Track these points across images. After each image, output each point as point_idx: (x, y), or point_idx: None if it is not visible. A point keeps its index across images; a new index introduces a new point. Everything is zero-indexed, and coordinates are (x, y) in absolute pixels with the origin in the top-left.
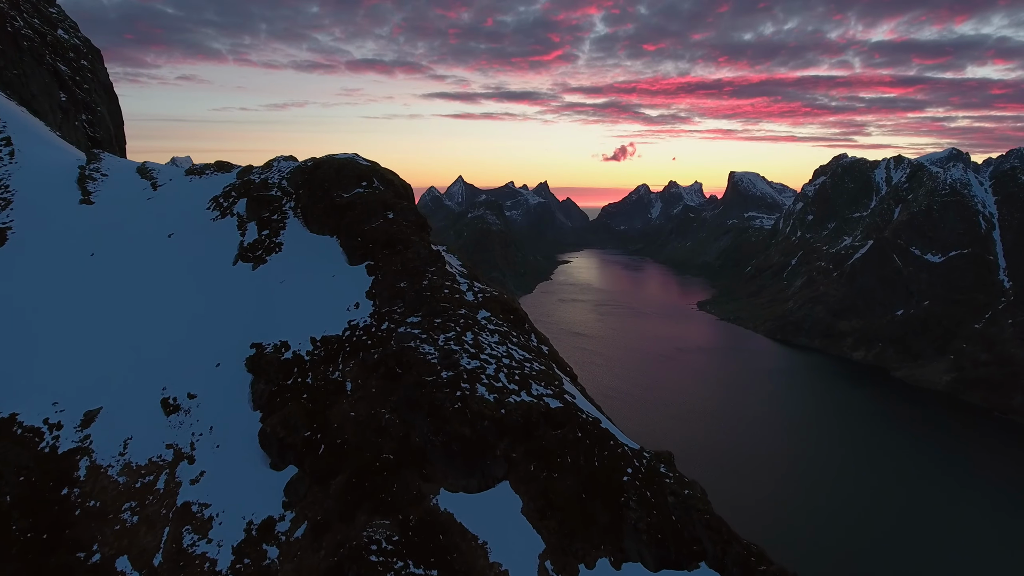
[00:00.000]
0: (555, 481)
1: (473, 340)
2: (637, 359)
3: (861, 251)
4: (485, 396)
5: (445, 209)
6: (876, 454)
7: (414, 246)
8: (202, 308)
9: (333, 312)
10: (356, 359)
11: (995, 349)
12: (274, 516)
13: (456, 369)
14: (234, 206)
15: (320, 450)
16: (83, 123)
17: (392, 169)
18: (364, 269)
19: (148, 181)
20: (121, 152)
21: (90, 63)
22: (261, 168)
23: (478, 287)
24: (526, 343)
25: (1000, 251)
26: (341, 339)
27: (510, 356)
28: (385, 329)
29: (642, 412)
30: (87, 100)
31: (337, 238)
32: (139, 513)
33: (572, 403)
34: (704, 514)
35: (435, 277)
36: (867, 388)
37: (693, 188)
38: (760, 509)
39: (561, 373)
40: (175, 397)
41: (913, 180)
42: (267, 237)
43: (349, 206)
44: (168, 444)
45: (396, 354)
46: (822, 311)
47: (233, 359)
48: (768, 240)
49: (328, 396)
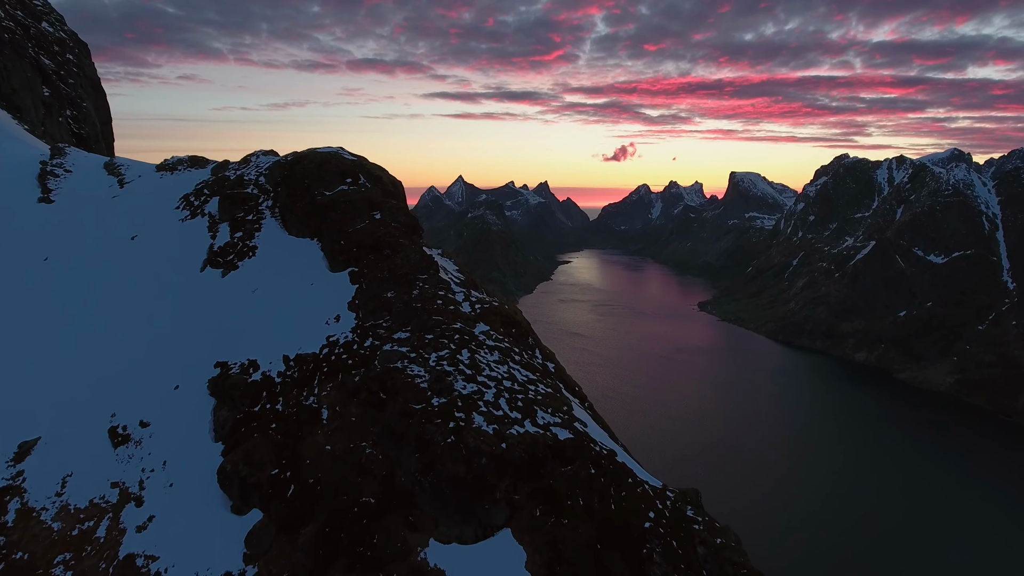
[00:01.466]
0: (565, 529)
1: (469, 359)
2: (637, 360)
3: (863, 252)
4: (483, 427)
5: (445, 209)
6: (878, 456)
7: (403, 250)
8: (163, 320)
9: (310, 326)
10: (334, 382)
11: (999, 351)
12: (232, 573)
13: (449, 394)
14: (206, 205)
15: (289, 491)
16: (67, 119)
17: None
18: (347, 276)
19: (115, 178)
20: (109, 150)
21: (76, 57)
22: (238, 163)
23: (475, 296)
24: (529, 361)
25: (1004, 252)
26: (318, 358)
27: (512, 377)
28: (368, 347)
29: (642, 413)
30: (72, 95)
31: (317, 241)
32: (74, 568)
33: (583, 432)
34: (741, 568)
35: (427, 286)
36: (869, 390)
37: (694, 188)
38: (760, 510)
39: (569, 395)
40: (125, 425)
41: (916, 180)
42: (240, 240)
43: (331, 205)
44: (114, 482)
45: (380, 376)
46: (824, 312)
47: (194, 380)
48: (769, 240)
49: (301, 426)
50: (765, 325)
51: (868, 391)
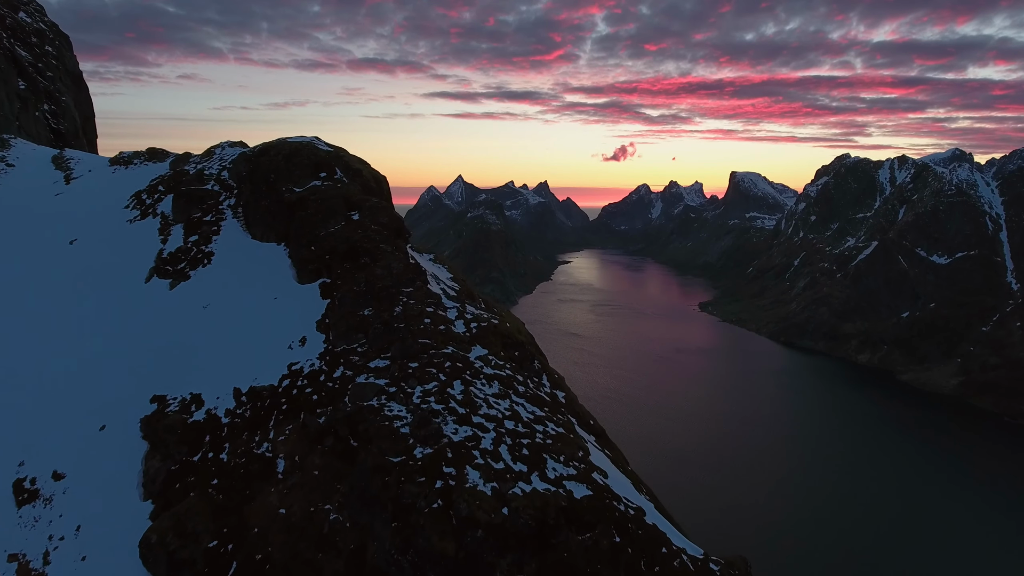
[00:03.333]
0: None
1: (463, 393)
2: (638, 360)
3: (865, 252)
4: (479, 486)
5: (445, 209)
6: (881, 458)
7: (385, 257)
8: (94, 343)
9: (269, 351)
10: (294, 424)
11: (1004, 352)
12: None
13: (437, 442)
14: (159, 204)
15: (230, 572)
16: (45, 114)
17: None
18: (317, 289)
19: (62, 173)
20: (91, 147)
21: (56, 49)
22: (200, 156)
23: (471, 312)
24: (536, 392)
25: (1008, 253)
26: (276, 392)
27: (515, 415)
28: (339, 378)
29: (643, 414)
30: (50, 89)
31: (284, 246)
32: None
33: (604, 486)
34: None
35: (412, 301)
36: (872, 391)
37: (694, 188)
38: (761, 511)
39: (584, 432)
40: (34, 478)
41: (918, 180)
42: (195, 244)
43: (300, 204)
44: (12, 555)
45: (351, 418)
46: (826, 313)
47: (125, 419)
48: (770, 241)
49: (249, 481)
50: (766, 326)
51: (871, 393)
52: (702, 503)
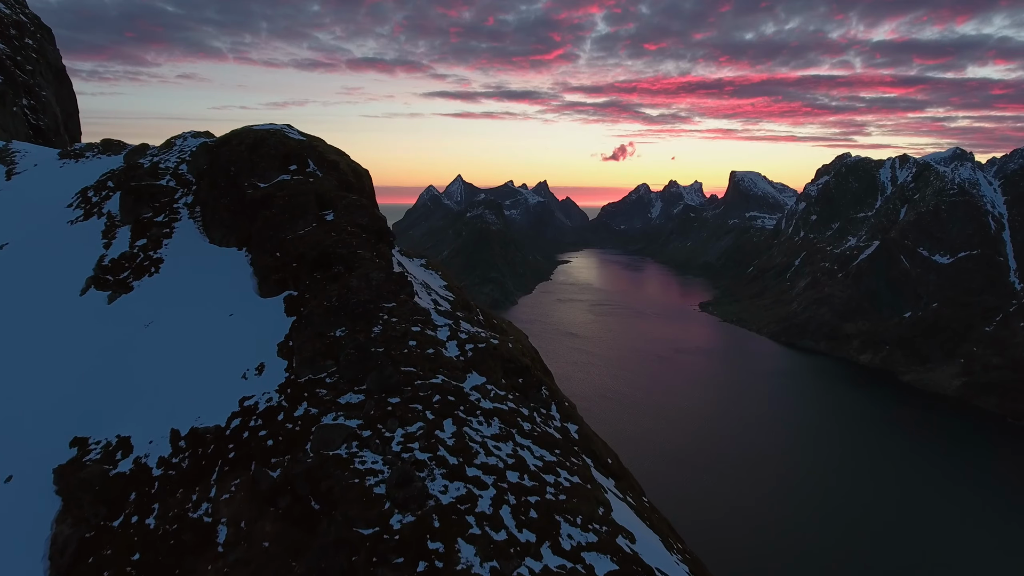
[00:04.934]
0: None
1: (455, 436)
2: (638, 361)
3: (867, 252)
4: (474, 568)
5: (444, 208)
6: (883, 460)
7: (363, 266)
8: (10, 371)
9: (219, 381)
10: (243, 478)
11: (1007, 353)
12: None
13: (421, 506)
14: (107, 202)
15: None
16: (23, 109)
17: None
18: (281, 304)
19: (3, 167)
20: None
21: (37, 43)
22: (159, 148)
23: (466, 330)
24: (544, 430)
25: (1010, 252)
26: (223, 435)
27: (519, 463)
28: (301, 417)
29: (642, 415)
30: (30, 83)
31: (246, 252)
32: None
33: (632, 556)
34: None
35: (395, 319)
36: (874, 392)
37: (693, 188)
38: (762, 513)
39: (602, 475)
40: None
41: (920, 180)
42: (142, 249)
43: (265, 202)
44: None
45: (312, 473)
46: (827, 313)
47: (36, 468)
48: (770, 240)
49: (181, 556)
50: (767, 326)
51: (872, 393)
52: (702, 503)
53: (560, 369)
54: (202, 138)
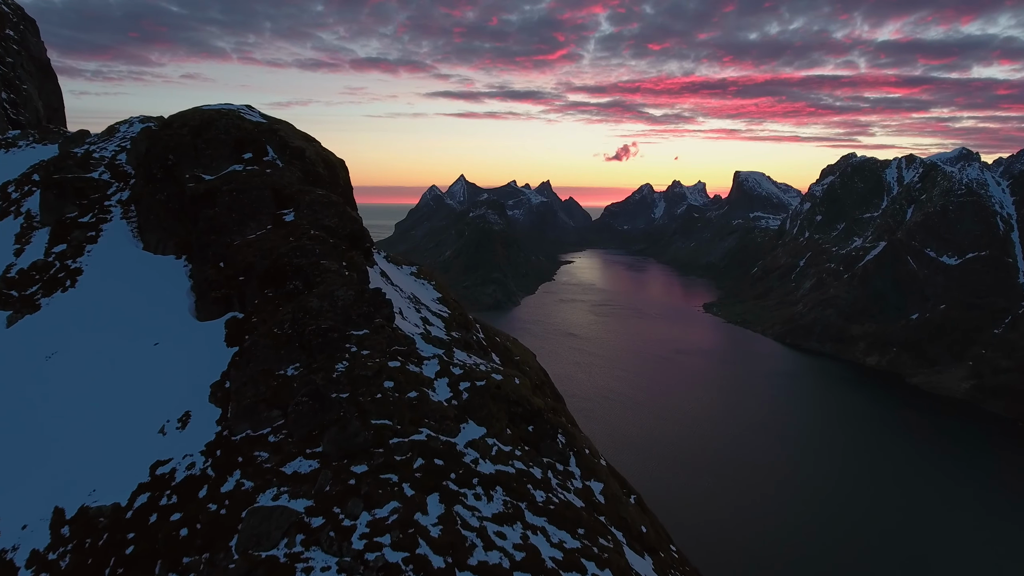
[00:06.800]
0: None
1: (443, 522)
2: (641, 362)
3: (873, 252)
4: None
5: (446, 208)
6: (890, 463)
7: (327, 280)
8: None
9: (128, 438)
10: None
11: (1016, 355)
12: None
13: None
14: (28, 199)
15: None
16: (3, 103)
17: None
18: (222, 330)
19: None
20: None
21: (19, 35)
22: (100, 135)
23: (461, 363)
24: (562, 500)
25: (1019, 253)
26: (120, 520)
27: (531, 558)
28: (229, 493)
29: (646, 416)
30: (10, 76)
31: (186, 261)
32: None
33: None
34: None
35: (367, 351)
36: (881, 395)
37: (697, 188)
38: (763, 514)
39: (636, 554)
40: None
41: (927, 180)
42: (59, 257)
43: (208, 198)
44: None
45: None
46: (833, 314)
47: None
48: (775, 241)
49: None
50: (772, 327)
51: (879, 396)
52: (706, 505)
53: (562, 369)
54: (152, 123)
